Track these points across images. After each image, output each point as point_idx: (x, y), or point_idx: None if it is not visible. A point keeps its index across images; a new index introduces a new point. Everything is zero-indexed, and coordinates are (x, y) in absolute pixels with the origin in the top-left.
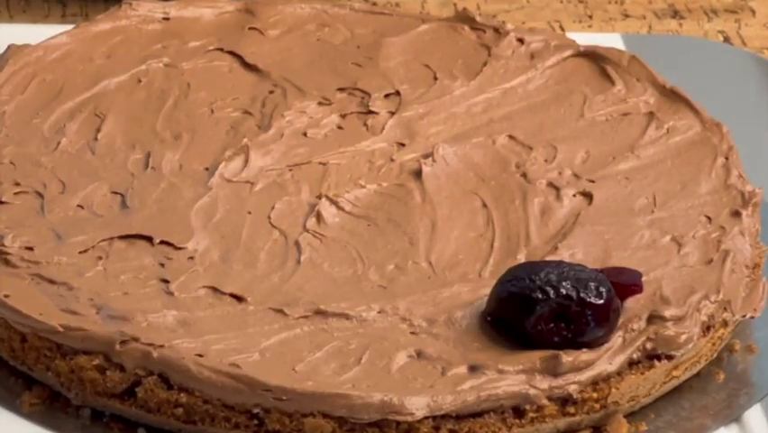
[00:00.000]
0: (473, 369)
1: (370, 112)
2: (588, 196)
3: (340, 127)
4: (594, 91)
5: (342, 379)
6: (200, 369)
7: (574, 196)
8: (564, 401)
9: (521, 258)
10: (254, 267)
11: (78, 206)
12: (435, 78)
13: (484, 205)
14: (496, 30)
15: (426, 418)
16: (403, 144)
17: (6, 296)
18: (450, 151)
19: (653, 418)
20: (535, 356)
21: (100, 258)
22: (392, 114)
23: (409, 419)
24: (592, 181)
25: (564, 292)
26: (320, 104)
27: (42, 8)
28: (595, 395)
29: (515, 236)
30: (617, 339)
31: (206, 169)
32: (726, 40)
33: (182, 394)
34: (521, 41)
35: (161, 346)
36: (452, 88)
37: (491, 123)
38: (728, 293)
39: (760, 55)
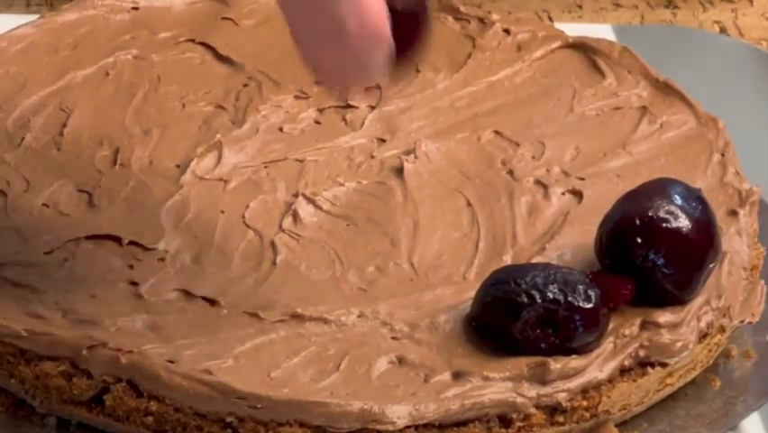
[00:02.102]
0: (457, 376)
1: (349, 106)
2: (577, 194)
3: (317, 122)
4: (584, 84)
5: (320, 386)
6: (171, 375)
7: (563, 194)
8: (553, 410)
9: (507, 259)
10: (228, 269)
11: (44, 204)
12: (417, 71)
13: (468, 203)
14: (481, 20)
15: (408, 427)
16: (383, 140)
17: None
18: (433, 147)
19: (645, 427)
20: (522, 363)
21: (66, 259)
22: (372, 108)
23: (390, 428)
24: (582, 179)
25: (551, 296)
26: (297, 97)
27: None
28: (585, 403)
29: (501, 237)
30: (607, 345)
31: (177, 166)
32: (723, 30)
33: (152, 402)
34: (507, 31)
35: (130, 352)
36: (435, 82)
37: (476, 118)
38: (728, 298)
39: (758, 46)
